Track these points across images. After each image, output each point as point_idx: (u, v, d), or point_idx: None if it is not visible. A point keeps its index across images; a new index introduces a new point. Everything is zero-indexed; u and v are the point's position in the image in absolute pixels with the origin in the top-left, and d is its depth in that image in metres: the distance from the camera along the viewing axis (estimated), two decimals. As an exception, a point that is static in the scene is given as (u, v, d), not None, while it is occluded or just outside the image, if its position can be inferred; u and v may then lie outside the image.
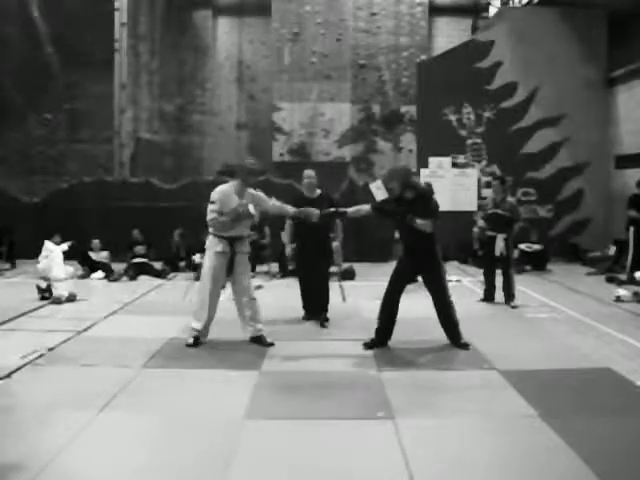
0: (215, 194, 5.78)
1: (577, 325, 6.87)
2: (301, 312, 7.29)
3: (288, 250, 7.59)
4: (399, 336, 5.94)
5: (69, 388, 4.63)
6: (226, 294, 6.46)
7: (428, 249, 5.73)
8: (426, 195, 5.74)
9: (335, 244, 7.27)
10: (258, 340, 5.94)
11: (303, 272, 7.39)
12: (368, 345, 5.80)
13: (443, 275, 5.94)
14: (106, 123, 15.32)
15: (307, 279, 7.31)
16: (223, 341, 5.97)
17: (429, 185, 5.94)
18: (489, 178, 12.61)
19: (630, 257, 10.23)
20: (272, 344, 5.88)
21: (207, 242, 5.90)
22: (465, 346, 5.75)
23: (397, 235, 5.93)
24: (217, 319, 6.03)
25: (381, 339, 5.83)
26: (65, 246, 10.34)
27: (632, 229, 10.27)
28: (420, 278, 6.16)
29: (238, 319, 6.05)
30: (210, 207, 5.74)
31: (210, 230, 5.85)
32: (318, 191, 7.22)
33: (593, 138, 13.08)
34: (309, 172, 7.25)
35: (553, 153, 13.18)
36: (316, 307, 7.13)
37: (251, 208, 5.73)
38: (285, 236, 7.60)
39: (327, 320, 6.92)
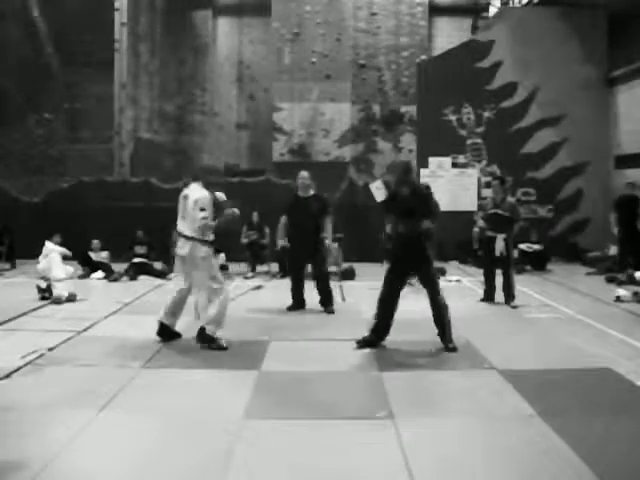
0: (204, 201, 5.71)
1: (577, 325, 6.87)
2: (301, 312, 7.38)
3: (279, 244, 7.84)
4: (399, 336, 5.93)
5: (69, 388, 4.62)
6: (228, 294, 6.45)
7: (423, 245, 5.77)
8: (423, 194, 5.77)
9: (327, 243, 7.48)
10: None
11: (293, 270, 7.79)
12: (360, 344, 5.77)
13: (434, 270, 5.98)
14: (106, 123, 15.34)
15: (298, 275, 7.62)
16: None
17: (427, 187, 5.97)
18: (489, 178, 12.60)
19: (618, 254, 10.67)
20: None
21: (200, 252, 5.72)
22: (453, 350, 5.68)
23: (388, 231, 5.93)
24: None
25: (376, 338, 5.80)
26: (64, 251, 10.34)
27: (617, 230, 10.73)
28: (415, 281, 6.17)
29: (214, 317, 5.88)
30: (204, 214, 5.66)
31: (200, 237, 5.72)
32: (312, 191, 7.65)
33: (593, 138, 13.07)
34: (303, 173, 7.74)
35: (553, 153, 13.18)
36: (303, 300, 7.62)
37: (222, 195, 6.00)
38: (279, 233, 7.75)
39: (333, 312, 7.43)
